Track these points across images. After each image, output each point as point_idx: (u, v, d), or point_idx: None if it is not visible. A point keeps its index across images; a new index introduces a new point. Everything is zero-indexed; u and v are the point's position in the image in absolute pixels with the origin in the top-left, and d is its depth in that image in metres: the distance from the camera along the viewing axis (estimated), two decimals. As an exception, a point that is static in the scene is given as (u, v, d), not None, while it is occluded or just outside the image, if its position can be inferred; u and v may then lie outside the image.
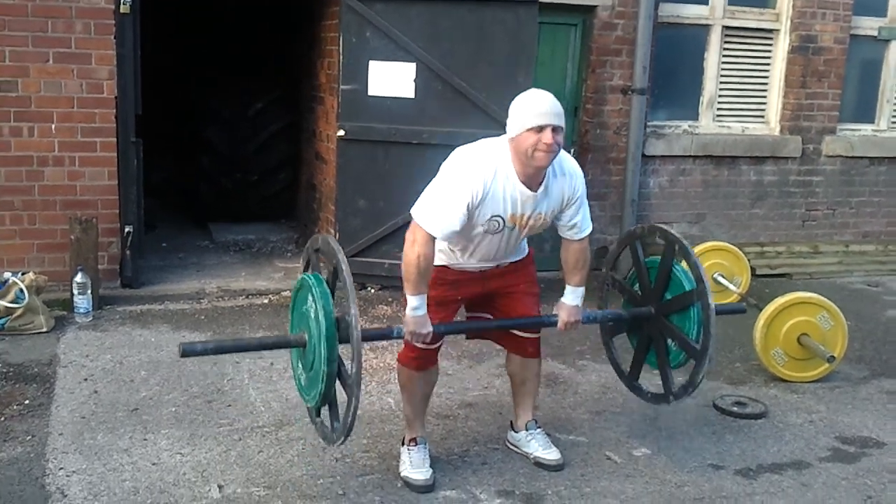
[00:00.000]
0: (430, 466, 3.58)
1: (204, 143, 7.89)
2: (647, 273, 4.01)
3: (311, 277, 3.26)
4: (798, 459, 3.94)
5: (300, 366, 3.39)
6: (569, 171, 3.42)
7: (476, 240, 3.39)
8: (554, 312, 3.68)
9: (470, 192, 3.20)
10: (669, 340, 3.91)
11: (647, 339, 4.02)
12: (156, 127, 6.55)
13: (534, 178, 3.29)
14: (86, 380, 4.42)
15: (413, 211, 3.31)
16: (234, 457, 3.69)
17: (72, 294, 5.32)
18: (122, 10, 5.56)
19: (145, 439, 3.80)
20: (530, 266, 3.68)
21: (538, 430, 3.84)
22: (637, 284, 4.10)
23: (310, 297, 3.20)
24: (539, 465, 3.75)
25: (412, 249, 3.25)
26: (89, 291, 5.30)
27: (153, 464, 3.59)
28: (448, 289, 3.51)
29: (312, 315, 3.16)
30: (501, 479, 3.63)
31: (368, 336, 3.28)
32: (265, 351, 4.48)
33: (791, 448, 4.06)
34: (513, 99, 3.32)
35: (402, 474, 3.57)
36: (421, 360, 3.56)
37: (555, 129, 3.18)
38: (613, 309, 4.25)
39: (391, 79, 5.88)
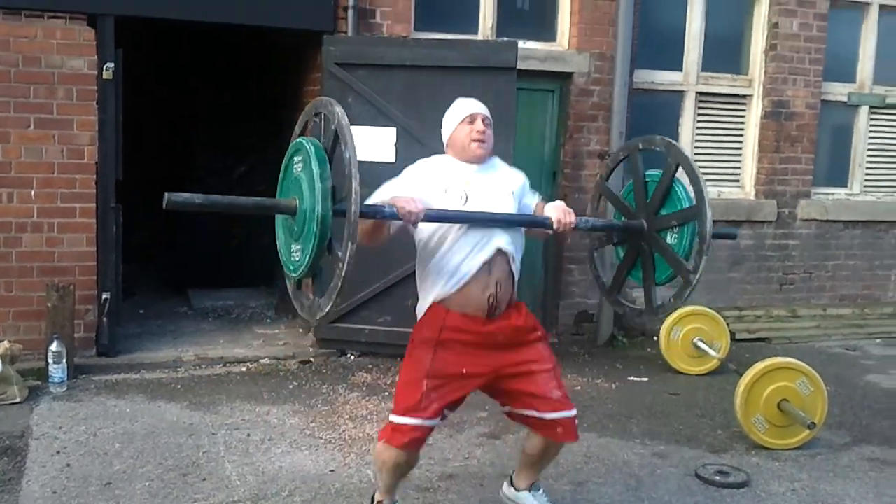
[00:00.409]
0: None
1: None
2: (644, 186, 3.86)
3: (308, 142, 2.99)
4: (781, 531, 3.91)
5: (286, 235, 3.14)
6: (513, 170, 3.48)
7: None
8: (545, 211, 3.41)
9: (412, 171, 3.29)
10: (657, 255, 3.76)
11: (636, 253, 3.86)
12: (137, 190, 6.54)
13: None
14: (58, 452, 4.33)
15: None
16: (210, 534, 3.61)
17: (47, 363, 5.24)
18: (104, 76, 5.60)
19: (118, 516, 3.72)
20: (540, 344, 3.37)
21: (541, 492, 3.61)
22: (632, 197, 3.94)
23: (304, 162, 2.96)
24: None
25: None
26: (64, 360, 5.23)
27: (126, 543, 3.51)
28: (449, 354, 3.21)
29: (306, 181, 2.91)
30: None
31: (365, 213, 2.97)
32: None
33: (774, 519, 4.03)
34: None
35: None
36: (413, 442, 3.21)
37: (484, 120, 3.28)
38: (606, 219, 4.19)
39: (372, 143, 5.92)
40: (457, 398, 3.27)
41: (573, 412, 3.30)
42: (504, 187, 3.34)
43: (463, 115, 3.29)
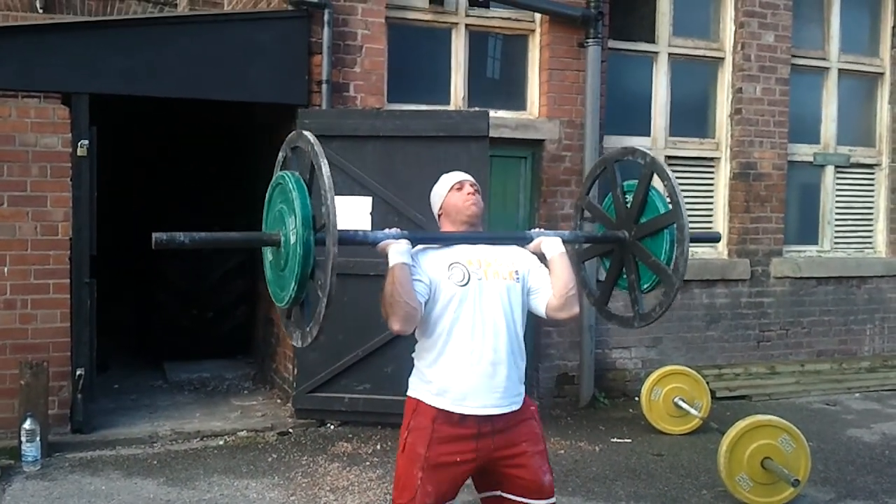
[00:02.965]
0: None
1: (160, 279, 7.83)
2: (623, 197, 3.88)
3: (288, 175, 3.04)
4: (772, 591, 3.86)
5: (273, 268, 3.15)
6: (517, 249, 3.38)
7: (457, 309, 3.08)
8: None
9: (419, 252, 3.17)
10: (641, 263, 3.74)
11: (620, 262, 3.86)
12: (111, 264, 6.52)
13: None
14: (31, 535, 4.21)
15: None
16: None
17: (20, 442, 5.12)
18: (79, 153, 5.62)
19: None
20: (532, 422, 3.24)
21: None
22: (612, 209, 3.92)
23: (285, 192, 3.01)
24: None
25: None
26: (38, 438, 5.11)
27: None
28: (446, 446, 3.07)
29: (287, 210, 2.97)
30: None
31: (344, 238, 2.97)
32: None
33: (764, 579, 3.98)
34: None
35: None
36: None
37: (472, 185, 3.30)
38: (587, 232, 4.10)
39: (348, 212, 5.96)
40: (451, 489, 3.13)
41: (554, 500, 3.21)
42: (510, 262, 3.22)
43: (451, 183, 3.32)
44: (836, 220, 8.27)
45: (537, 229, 3.53)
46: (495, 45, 7.18)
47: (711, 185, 7.75)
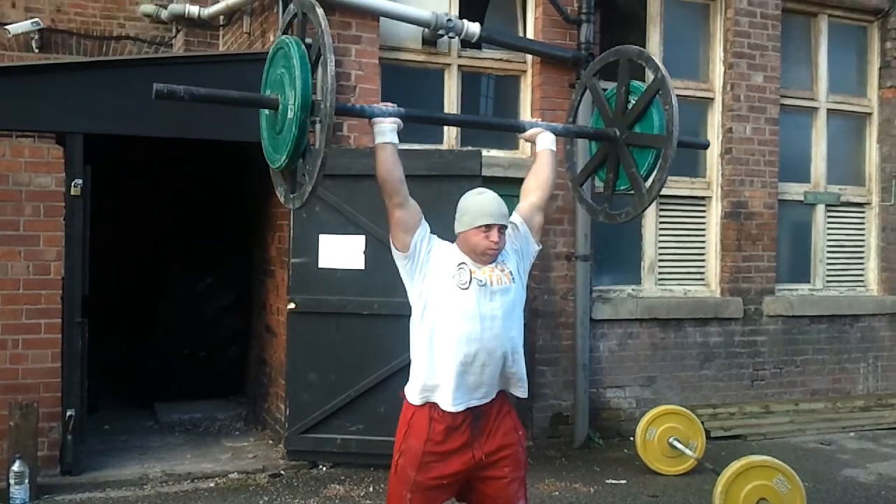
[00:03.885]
0: None
1: (151, 318, 7.80)
2: (626, 95, 3.95)
3: (292, 42, 3.13)
4: None
5: (269, 130, 3.27)
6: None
7: (460, 310, 3.26)
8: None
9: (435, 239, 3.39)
10: (635, 150, 3.89)
11: (604, 155, 4.04)
12: (103, 304, 6.49)
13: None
14: (17, 581, 4.14)
15: None
16: None
17: (8, 484, 5.06)
18: (72, 193, 5.62)
19: None
20: (519, 448, 3.41)
21: None
22: (613, 101, 4.04)
23: (286, 58, 3.12)
24: None
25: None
26: (27, 481, 5.05)
27: None
28: (434, 470, 3.25)
29: (288, 79, 3.08)
30: None
31: (341, 109, 3.24)
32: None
33: None
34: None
35: None
36: None
37: (500, 229, 3.34)
38: (581, 125, 4.32)
39: (341, 251, 5.97)
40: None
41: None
42: (511, 265, 3.42)
43: (481, 223, 3.31)
44: (828, 258, 8.30)
45: (532, 119, 3.69)
46: (488, 85, 7.25)
47: (703, 223, 7.79)
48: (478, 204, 3.36)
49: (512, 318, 3.36)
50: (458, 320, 3.25)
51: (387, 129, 3.35)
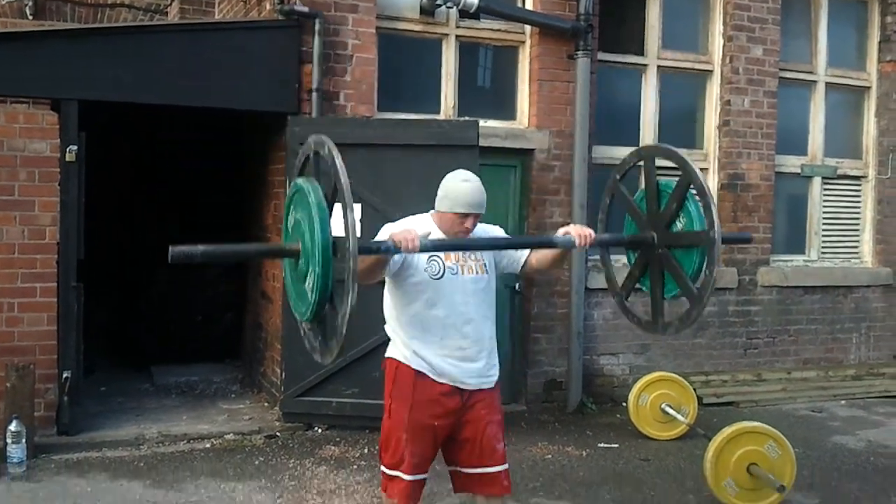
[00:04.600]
0: None
1: (147, 283, 7.82)
2: (657, 196, 3.78)
3: (308, 185, 3.07)
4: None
5: (293, 279, 3.20)
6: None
7: (432, 297, 3.42)
8: (562, 233, 3.54)
9: (407, 221, 3.49)
10: (678, 251, 3.66)
11: (645, 263, 3.79)
12: (99, 268, 6.51)
13: None
14: (16, 535, 4.20)
15: None
16: None
17: (5, 443, 5.10)
18: (67, 159, 5.62)
19: None
20: (496, 393, 3.65)
21: None
22: (644, 204, 3.86)
23: (304, 204, 3.05)
24: None
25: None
26: (24, 440, 5.10)
27: None
28: (425, 409, 3.44)
29: (307, 223, 3.02)
30: None
31: (364, 248, 3.10)
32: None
33: (748, 581, 3.99)
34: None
35: None
36: (405, 493, 3.48)
37: (475, 218, 3.48)
38: (613, 234, 4.05)
39: (337, 219, 5.96)
40: (432, 448, 3.52)
41: (507, 466, 3.59)
42: (479, 258, 3.55)
43: (458, 210, 3.45)
44: (824, 230, 8.33)
45: (565, 229, 3.57)
46: (486, 55, 7.23)
47: (699, 195, 7.79)
48: (460, 192, 3.47)
49: (483, 304, 3.55)
50: (431, 308, 3.43)
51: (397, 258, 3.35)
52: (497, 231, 3.77)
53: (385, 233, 3.40)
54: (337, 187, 3.02)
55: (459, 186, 3.48)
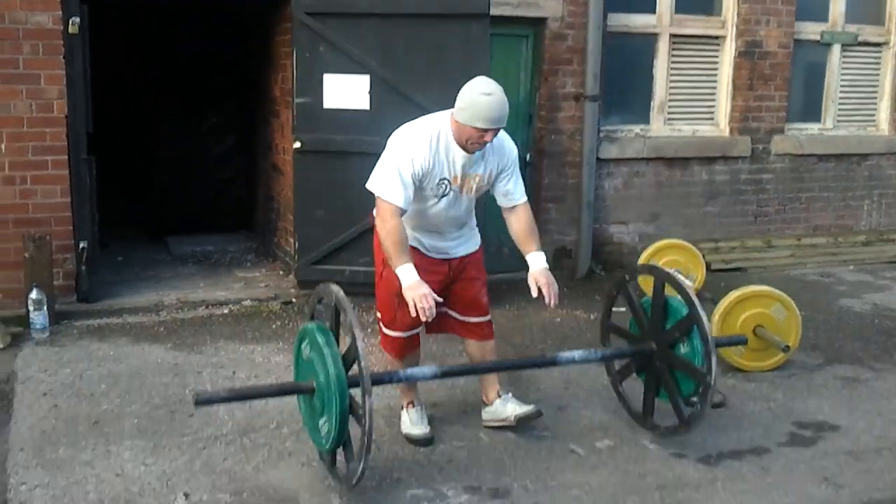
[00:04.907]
0: (429, 424, 3.97)
1: (159, 157, 7.84)
2: (643, 313, 4.06)
3: (313, 325, 3.36)
4: (757, 445, 4.02)
5: (309, 414, 3.43)
6: (504, 145, 3.77)
7: (430, 207, 3.70)
8: (529, 283, 3.78)
9: (420, 160, 3.53)
10: (677, 372, 3.89)
11: (655, 375, 4.00)
12: (110, 143, 6.51)
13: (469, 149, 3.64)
14: (45, 395, 4.36)
15: (371, 187, 3.59)
16: (200, 465, 3.66)
17: (27, 311, 5.24)
18: (70, 31, 5.53)
19: (108, 451, 3.76)
20: (479, 256, 4.02)
21: (509, 395, 4.09)
22: (636, 327, 4.15)
23: (313, 345, 3.30)
24: (522, 421, 3.98)
25: (383, 226, 3.51)
26: (45, 307, 5.23)
27: (117, 475, 3.55)
28: (416, 269, 3.61)
29: (319, 361, 3.24)
30: (468, 475, 3.65)
31: (378, 379, 3.44)
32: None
33: (750, 435, 4.13)
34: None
35: (403, 432, 3.95)
36: (402, 349, 3.92)
37: (494, 133, 3.54)
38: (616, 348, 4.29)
39: (346, 91, 5.90)
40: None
41: (490, 317, 4.07)
42: (485, 176, 3.74)
43: (479, 125, 3.46)
44: (841, 98, 8.18)
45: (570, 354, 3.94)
46: None
47: (716, 63, 7.63)
48: (481, 105, 3.44)
49: (472, 204, 3.86)
50: (426, 216, 3.72)
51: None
52: (510, 149, 3.77)
53: (405, 131, 3.60)
54: (337, 307, 3.36)
55: (480, 101, 3.45)
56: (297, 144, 5.94)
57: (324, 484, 3.52)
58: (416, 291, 3.44)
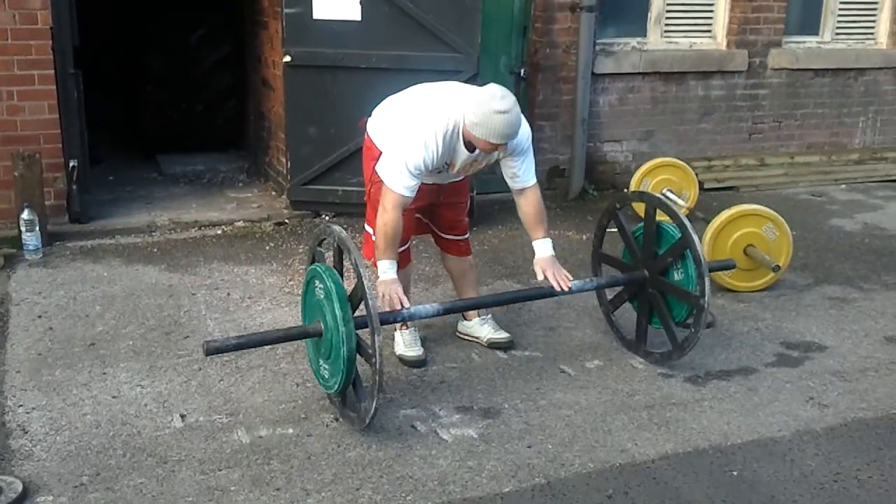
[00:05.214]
0: (422, 346, 4.05)
1: (146, 73, 7.69)
2: (634, 240, 4.07)
3: (323, 269, 3.33)
4: (745, 366, 4.09)
5: (318, 357, 3.44)
6: (518, 133, 3.63)
7: (435, 175, 3.77)
8: (535, 270, 3.83)
9: (432, 158, 3.54)
10: (669, 297, 3.92)
11: (648, 301, 4.02)
12: (98, 59, 6.36)
13: None
14: (40, 317, 4.39)
15: (380, 171, 3.61)
16: (195, 386, 3.72)
17: (19, 231, 5.22)
18: (51, -61, 5.35)
19: (104, 373, 3.81)
20: (466, 181, 4.10)
21: (488, 316, 4.23)
22: (628, 256, 4.16)
23: (320, 285, 3.30)
24: (493, 345, 4.16)
25: (382, 215, 3.54)
26: (37, 228, 5.20)
27: (113, 397, 3.61)
28: None
29: (328, 308, 3.23)
30: (459, 395, 3.72)
31: (385, 318, 3.41)
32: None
33: (738, 355, 4.20)
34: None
35: (396, 353, 4.02)
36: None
37: (506, 148, 3.59)
38: (609, 277, 4.28)
39: (336, 1, 5.75)
40: (410, 228, 3.92)
41: (468, 236, 4.23)
42: (489, 160, 3.74)
43: (493, 140, 3.44)
44: (840, 10, 8.01)
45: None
46: None
47: (714, -26, 7.45)
48: (496, 124, 3.39)
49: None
50: (434, 181, 3.81)
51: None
52: (522, 137, 3.66)
53: (424, 117, 3.55)
54: (340, 247, 3.42)
55: (495, 119, 3.38)
56: (287, 58, 5.82)
57: (319, 404, 3.58)
58: (389, 287, 3.54)
